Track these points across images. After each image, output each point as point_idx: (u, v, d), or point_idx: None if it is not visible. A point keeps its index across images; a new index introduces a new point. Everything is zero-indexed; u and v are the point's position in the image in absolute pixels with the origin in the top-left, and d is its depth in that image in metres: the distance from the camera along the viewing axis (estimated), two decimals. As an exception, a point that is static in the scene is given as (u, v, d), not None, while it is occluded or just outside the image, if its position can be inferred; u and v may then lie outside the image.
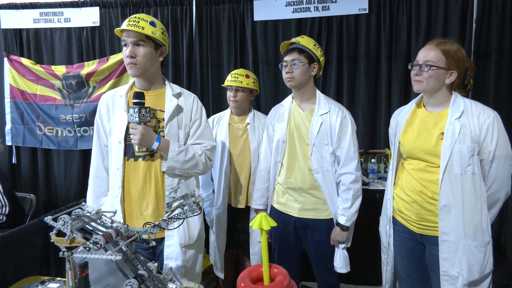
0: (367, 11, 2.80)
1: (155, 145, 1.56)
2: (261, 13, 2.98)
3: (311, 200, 1.91)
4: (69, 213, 1.12)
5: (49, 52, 3.38)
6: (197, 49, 3.10)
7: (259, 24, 3.00)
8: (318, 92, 1.96)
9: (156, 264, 1.16)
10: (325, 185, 1.88)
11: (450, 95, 1.54)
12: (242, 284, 1.08)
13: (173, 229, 1.19)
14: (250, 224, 1.13)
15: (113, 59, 3.21)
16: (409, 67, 1.56)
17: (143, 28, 1.55)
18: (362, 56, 2.86)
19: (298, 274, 2.06)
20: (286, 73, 1.89)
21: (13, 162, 3.51)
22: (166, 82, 1.74)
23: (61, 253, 1.01)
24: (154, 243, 1.19)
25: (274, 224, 1.10)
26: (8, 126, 3.46)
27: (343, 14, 2.85)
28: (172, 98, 1.67)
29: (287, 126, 1.96)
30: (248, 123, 2.33)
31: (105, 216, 1.18)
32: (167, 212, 1.22)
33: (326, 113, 1.88)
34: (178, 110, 1.68)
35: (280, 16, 2.96)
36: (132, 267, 1.10)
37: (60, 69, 3.30)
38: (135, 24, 1.54)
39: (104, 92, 3.19)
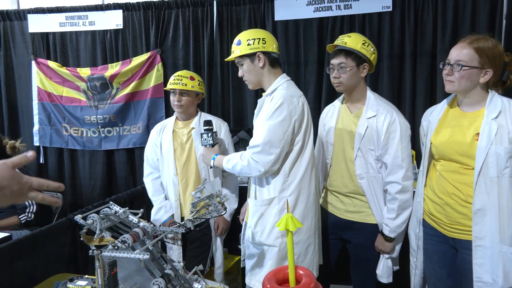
0: (390, 9, 2.74)
1: (211, 163, 1.83)
2: (282, 13, 2.97)
3: (356, 202, 1.86)
4: (97, 212, 1.14)
5: (75, 55, 3.47)
6: (218, 50, 3.11)
7: (280, 24, 2.98)
8: (369, 93, 1.85)
9: (182, 263, 1.16)
10: (370, 192, 1.80)
11: (487, 94, 1.47)
12: (268, 286, 1.07)
13: (198, 228, 1.21)
14: (276, 225, 1.11)
15: (136, 61, 3.26)
16: (440, 66, 1.51)
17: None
18: (386, 55, 2.80)
19: (331, 271, 2.02)
20: (334, 77, 1.82)
21: (41, 162, 3.62)
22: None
23: (90, 251, 1.03)
24: (180, 242, 1.19)
25: (300, 225, 1.08)
26: (36, 127, 3.57)
27: (366, 12, 2.80)
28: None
29: (335, 128, 1.90)
30: (193, 128, 2.19)
31: (132, 215, 1.20)
32: (192, 212, 1.22)
33: (373, 116, 1.78)
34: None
35: (301, 15, 2.93)
36: (158, 266, 1.11)
37: (85, 71, 3.38)
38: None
39: (127, 93, 3.31)
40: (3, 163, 0.83)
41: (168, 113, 3.29)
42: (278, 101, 1.59)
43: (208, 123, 1.92)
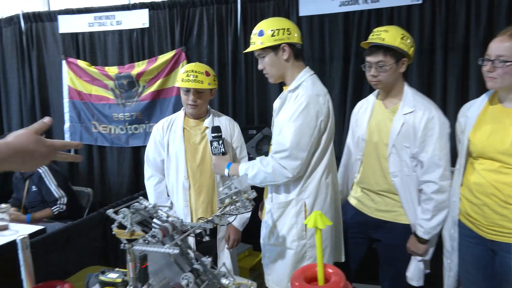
0: (420, 1, 2.64)
1: (225, 172, 1.72)
2: (306, 8, 2.93)
3: (388, 201, 1.80)
4: (128, 207, 1.16)
5: (103, 54, 3.55)
6: (242, 47, 3.11)
7: (305, 19, 2.94)
8: (406, 87, 1.78)
9: (210, 258, 1.17)
10: (403, 191, 1.74)
11: None
12: (297, 283, 1.06)
13: (226, 225, 1.21)
14: (304, 222, 1.10)
15: (162, 59, 3.31)
16: (480, 62, 1.43)
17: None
18: (415, 49, 2.71)
19: (355, 270, 1.99)
20: (372, 76, 1.75)
21: (71, 158, 3.73)
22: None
23: (122, 245, 1.05)
24: (207, 238, 1.20)
25: (329, 223, 1.07)
26: (67, 125, 3.69)
27: (394, 5, 2.71)
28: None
29: (368, 123, 1.85)
30: (207, 127, 2.00)
31: (161, 210, 1.21)
32: (220, 208, 1.22)
33: (411, 112, 1.70)
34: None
35: (327, 10, 2.88)
36: (187, 261, 1.12)
37: (112, 70, 3.46)
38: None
39: (153, 91, 3.36)
40: (26, 129, 0.88)
41: (193, 110, 3.32)
42: (303, 101, 1.50)
43: (216, 129, 1.81)
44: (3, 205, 1.85)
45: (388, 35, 1.72)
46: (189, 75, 1.92)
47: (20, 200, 2.67)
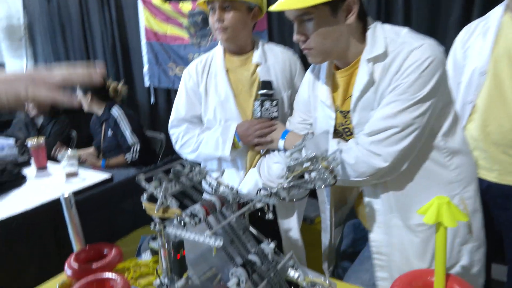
0: None
1: (280, 144, 1.26)
2: None
3: None
4: (168, 170, 0.89)
5: (176, -12, 3.27)
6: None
7: None
8: None
9: (272, 244, 0.86)
10: None
11: None
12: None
13: (296, 201, 0.86)
14: (418, 212, 0.70)
15: (237, -11, 2.90)
16: None
17: None
18: None
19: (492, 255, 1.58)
20: None
21: (152, 102, 3.71)
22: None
23: (152, 225, 0.79)
24: (271, 215, 0.88)
25: (464, 218, 0.65)
26: (145, 68, 3.61)
27: None
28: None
29: (491, 50, 1.33)
30: (258, 64, 1.42)
31: (210, 176, 0.92)
32: (287, 178, 0.88)
33: None
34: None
35: None
36: (241, 249, 0.82)
37: (186, 6, 3.18)
38: None
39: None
40: None
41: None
42: (422, 60, 0.91)
43: (268, 84, 1.31)
44: (70, 151, 1.78)
45: None
46: None
47: (99, 144, 2.69)
